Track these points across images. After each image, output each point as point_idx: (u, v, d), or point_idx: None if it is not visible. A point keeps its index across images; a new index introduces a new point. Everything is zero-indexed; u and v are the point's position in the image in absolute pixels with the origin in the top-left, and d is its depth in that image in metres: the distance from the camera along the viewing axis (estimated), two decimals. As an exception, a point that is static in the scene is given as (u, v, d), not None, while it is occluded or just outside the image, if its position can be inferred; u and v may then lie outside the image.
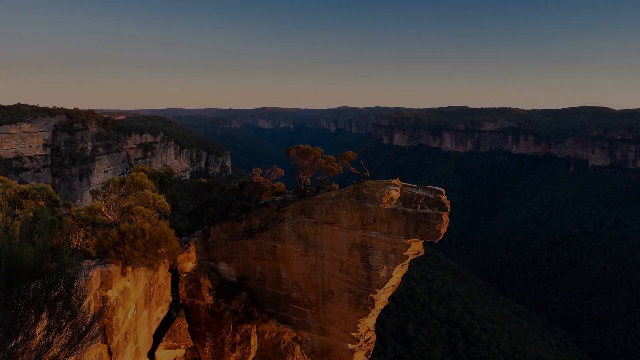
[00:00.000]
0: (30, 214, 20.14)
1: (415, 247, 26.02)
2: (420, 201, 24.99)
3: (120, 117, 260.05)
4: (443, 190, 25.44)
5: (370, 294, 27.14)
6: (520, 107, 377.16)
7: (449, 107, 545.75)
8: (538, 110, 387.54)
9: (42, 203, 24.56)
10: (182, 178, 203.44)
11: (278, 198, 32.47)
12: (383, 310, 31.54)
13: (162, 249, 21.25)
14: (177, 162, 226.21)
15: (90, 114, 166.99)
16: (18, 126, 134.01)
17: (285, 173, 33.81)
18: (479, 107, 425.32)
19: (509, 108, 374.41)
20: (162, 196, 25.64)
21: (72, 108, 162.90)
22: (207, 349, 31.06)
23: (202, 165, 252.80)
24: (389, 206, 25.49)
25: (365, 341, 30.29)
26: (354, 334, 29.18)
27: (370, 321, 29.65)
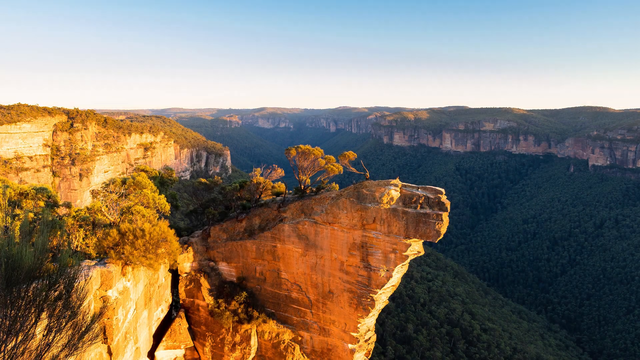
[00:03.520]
0: (31, 215, 20.15)
1: (415, 247, 26.01)
2: (420, 201, 24.99)
3: (120, 117, 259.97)
4: (443, 190, 25.42)
5: (370, 294, 27.13)
6: (520, 107, 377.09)
7: (449, 107, 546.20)
8: (538, 110, 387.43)
9: (42, 203, 24.56)
10: (182, 178, 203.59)
11: (278, 198, 32.47)
12: (383, 310, 31.55)
13: (162, 249, 21.26)
14: (177, 162, 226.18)
15: (90, 114, 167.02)
16: (18, 126, 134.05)
17: (285, 173, 33.79)
18: (479, 107, 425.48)
19: (509, 108, 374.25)
20: (162, 196, 25.65)
21: (72, 108, 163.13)
22: (207, 349, 31.05)
23: (202, 165, 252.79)
24: (388, 206, 25.48)
25: (365, 341, 30.28)
26: (354, 334, 29.17)
27: (370, 321, 29.64)
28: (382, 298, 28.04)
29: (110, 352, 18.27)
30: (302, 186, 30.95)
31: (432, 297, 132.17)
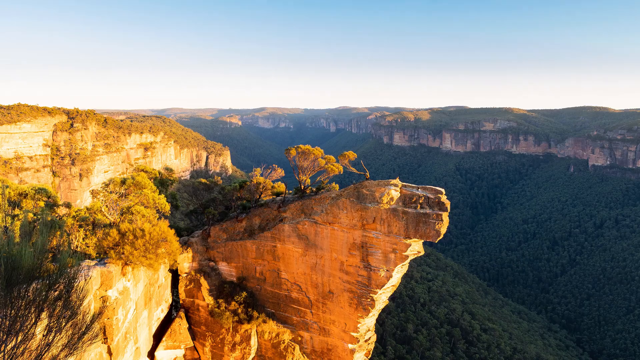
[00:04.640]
0: (30, 215, 20.14)
1: (415, 247, 26.00)
2: (420, 201, 24.98)
3: (120, 117, 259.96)
4: (443, 190, 25.41)
5: (370, 294, 27.12)
6: (520, 107, 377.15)
7: (449, 107, 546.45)
8: (538, 110, 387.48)
9: (41, 203, 24.55)
10: (182, 178, 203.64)
11: (278, 198, 32.46)
12: (383, 310, 31.56)
13: (162, 249, 21.26)
14: (177, 162, 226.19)
15: (90, 114, 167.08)
16: (18, 126, 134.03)
17: (285, 173, 33.79)
18: (479, 107, 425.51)
19: (509, 108, 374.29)
20: (162, 196, 25.65)
21: (72, 108, 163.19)
22: (207, 349, 31.05)
23: (202, 165, 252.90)
24: (388, 206, 25.47)
25: (365, 341, 30.28)
26: (354, 334, 29.17)
27: (370, 321, 29.64)
28: (382, 298, 28.04)
29: (110, 352, 18.26)
30: (302, 186, 30.94)
31: (432, 297, 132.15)
